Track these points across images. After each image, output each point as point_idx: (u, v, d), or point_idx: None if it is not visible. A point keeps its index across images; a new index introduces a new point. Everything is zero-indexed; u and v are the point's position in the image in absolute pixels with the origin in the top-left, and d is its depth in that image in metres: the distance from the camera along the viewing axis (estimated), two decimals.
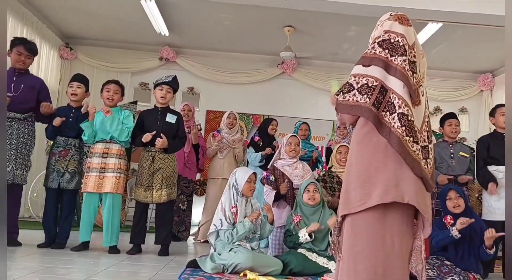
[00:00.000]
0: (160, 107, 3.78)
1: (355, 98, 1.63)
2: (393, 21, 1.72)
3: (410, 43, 1.69)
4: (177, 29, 6.41)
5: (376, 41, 1.70)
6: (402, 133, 1.58)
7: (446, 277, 2.99)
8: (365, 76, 1.64)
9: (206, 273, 2.86)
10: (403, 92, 1.62)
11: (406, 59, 1.64)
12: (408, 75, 1.63)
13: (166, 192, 3.61)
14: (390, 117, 1.60)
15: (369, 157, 1.63)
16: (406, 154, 1.59)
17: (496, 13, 4.75)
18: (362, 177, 1.62)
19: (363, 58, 1.69)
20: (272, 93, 7.37)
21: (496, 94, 7.40)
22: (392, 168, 1.60)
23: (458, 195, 3.20)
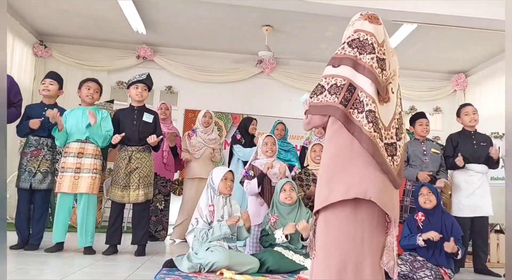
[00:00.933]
0: (136, 106, 3.74)
1: (326, 99, 1.66)
2: (363, 21, 1.76)
3: (379, 41, 1.72)
4: (154, 27, 6.35)
5: (346, 41, 1.73)
6: (370, 130, 1.61)
7: (419, 272, 3.07)
8: (335, 76, 1.67)
9: (182, 273, 2.86)
10: (370, 89, 1.65)
11: (375, 57, 1.67)
12: (376, 72, 1.66)
13: (143, 192, 3.58)
14: (359, 115, 1.63)
15: (336, 155, 1.66)
16: (375, 151, 1.61)
17: (469, 15, 4.88)
18: (329, 174, 1.65)
19: (333, 59, 1.72)
20: (251, 92, 7.38)
21: (468, 94, 7.60)
22: (358, 165, 1.62)
23: (430, 191, 3.29)
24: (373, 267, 1.65)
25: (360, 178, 1.61)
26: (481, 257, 3.86)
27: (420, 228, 3.17)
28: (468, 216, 3.81)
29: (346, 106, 1.64)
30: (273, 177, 3.81)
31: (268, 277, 2.91)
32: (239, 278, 2.75)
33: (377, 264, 1.66)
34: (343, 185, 1.61)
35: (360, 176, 1.61)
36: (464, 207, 3.84)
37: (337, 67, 1.68)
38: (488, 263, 4.25)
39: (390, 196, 1.65)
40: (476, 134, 4.02)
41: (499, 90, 6.76)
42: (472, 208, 3.82)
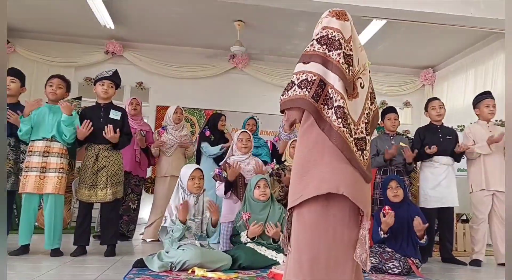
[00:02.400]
0: (102, 103, 3.64)
1: (295, 93, 1.66)
2: (331, 17, 1.77)
3: (346, 37, 1.73)
4: (123, 21, 6.22)
5: (315, 38, 1.74)
6: (339, 125, 1.62)
7: (388, 263, 3.13)
8: (305, 72, 1.68)
9: (153, 272, 2.81)
10: (339, 85, 1.66)
11: (341, 53, 1.68)
12: (343, 68, 1.67)
13: (111, 190, 3.50)
14: (329, 111, 1.64)
15: (308, 151, 1.67)
16: (344, 147, 1.63)
17: (436, 11, 4.98)
18: (301, 171, 1.66)
19: (303, 56, 1.73)
20: (224, 88, 7.34)
21: (436, 88, 7.80)
22: (329, 160, 1.63)
23: (398, 185, 3.35)
24: (345, 261, 1.67)
25: (332, 174, 1.62)
26: (447, 246, 3.98)
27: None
28: (434, 207, 3.92)
29: (318, 101, 1.64)
30: (247, 175, 3.79)
31: (240, 273, 2.90)
32: (211, 275, 2.73)
33: (350, 258, 1.67)
34: (316, 181, 1.62)
35: (332, 172, 1.62)
36: (430, 198, 3.95)
37: (307, 63, 1.69)
38: (455, 252, 4.39)
39: (362, 190, 1.67)
40: (442, 128, 4.13)
41: (465, 84, 6.97)
42: (438, 199, 3.93)
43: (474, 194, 3.98)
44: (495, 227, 3.91)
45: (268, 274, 2.86)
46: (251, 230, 3.26)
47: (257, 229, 3.24)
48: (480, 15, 5.04)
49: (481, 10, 5.03)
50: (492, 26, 5.47)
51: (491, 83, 6.30)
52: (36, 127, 3.43)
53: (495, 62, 6.29)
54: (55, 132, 3.43)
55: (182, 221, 3.00)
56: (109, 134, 3.46)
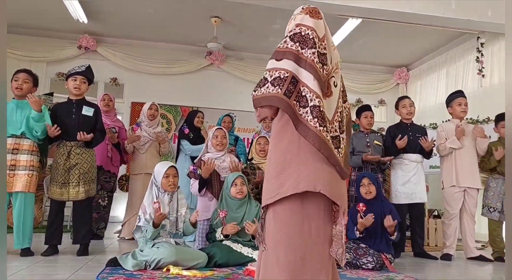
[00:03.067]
0: (74, 99, 3.56)
1: (268, 90, 1.65)
2: (304, 15, 1.76)
3: (320, 36, 1.73)
4: (96, 16, 6.09)
5: (288, 35, 1.74)
6: (315, 124, 1.63)
7: (362, 258, 3.19)
8: (278, 69, 1.67)
9: (127, 271, 2.78)
10: (313, 84, 1.66)
11: (316, 52, 1.68)
12: (317, 67, 1.67)
13: (84, 188, 3.43)
14: (303, 110, 1.64)
15: (284, 149, 1.67)
16: (321, 145, 1.63)
17: (410, 11, 5.08)
18: (277, 168, 1.66)
19: (276, 52, 1.72)
20: (201, 85, 7.29)
21: (410, 87, 7.96)
22: (305, 158, 1.64)
23: (371, 182, 3.41)
24: (322, 257, 1.68)
25: (309, 172, 1.63)
26: (419, 241, 4.07)
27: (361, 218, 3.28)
28: (404, 203, 4.01)
29: (290, 97, 1.64)
30: (222, 172, 3.77)
31: (216, 271, 2.89)
32: (186, 273, 2.71)
33: (326, 253, 1.68)
34: (293, 179, 1.62)
35: (308, 170, 1.63)
36: (400, 195, 4.04)
37: (280, 60, 1.68)
38: (427, 247, 4.50)
39: (338, 187, 1.68)
40: (412, 126, 4.22)
41: (437, 83, 7.14)
42: (408, 195, 4.02)
43: (446, 190, 4.08)
44: (465, 222, 4.04)
45: (244, 271, 2.86)
46: (226, 228, 3.25)
47: (232, 230, 3.23)
48: (451, 15, 5.18)
49: (453, 10, 5.16)
50: (463, 27, 5.63)
51: (462, 82, 6.48)
52: None
53: (466, 61, 6.47)
54: (24, 129, 3.33)
55: (155, 225, 2.97)
56: (82, 137, 3.39)
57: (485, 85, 6.03)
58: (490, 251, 4.14)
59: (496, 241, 4.01)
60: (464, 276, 3.26)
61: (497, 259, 3.94)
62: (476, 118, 5.51)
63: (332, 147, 1.66)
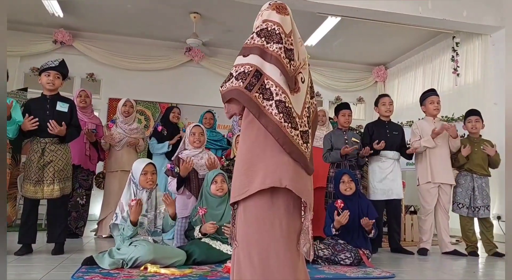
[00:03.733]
0: (48, 95, 3.47)
1: (232, 84, 1.65)
2: (271, 11, 1.76)
3: (286, 32, 1.73)
4: (72, 10, 5.96)
5: (255, 31, 1.74)
6: (280, 120, 1.63)
7: (340, 254, 3.22)
8: (243, 64, 1.68)
9: (103, 270, 2.73)
10: (280, 79, 1.67)
11: (282, 47, 1.69)
12: (284, 62, 1.68)
13: (59, 186, 3.35)
14: (267, 103, 1.64)
15: (251, 145, 1.67)
16: (284, 140, 1.64)
17: (388, 10, 5.16)
18: (245, 165, 1.66)
19: (243, 48, 1.73)
20: (180, 81, 7.23)
21: (388, 85, 8.08)
22: (272, 154, 1.65)
23: (351, 179, 3.44)
24: (292, 253, 1.69)
25: (275, 167, 1.63)
26: (395, 237, 4.14)
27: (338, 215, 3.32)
28: (381, 199, 4.07)
29: (251, 90, 1.64)
30: (200, 169, 3.75)
31: (195, 268, 2.88)
32: (164, 272, 2.69)
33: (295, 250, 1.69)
34: (260, 174, 1.63)
35: (275, 165, 1.64)
36: (378, 191, 4.10)
37: (246, 56, 1.69)
38: (403, 242, 4.58)
39: (304, 182, 1.69)
40: (390, 124, 4.28)
41: (414, 82, 7.27)
42: (385, 191, 4.08)
43: (421, 186, 4.17)
44: (440, 218, 4.13)
45: (222, 268, 2.85)
46: (205, 227, 3.23)
47: (211, 229, 3.20)
48: (428, 15, 5.28)
49: (429, 10, 5.26)
50: (439, 26, 5.75)
51: (437, 80, 6.61)
52: None
53: (442, 60, 6.60)
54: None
55: (132, 222, 2.92)
56: (54, 130, 3.29)
57: (460, 84, 6.18)
58: (464, 246, 4.25)
59: (468, 236, 4.11)
60: (439, 270, 3.33)
61: (470, 253, 4.04)
62: (451, 116, 5.63)
63: (297, 142, 1.66)
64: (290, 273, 1.66)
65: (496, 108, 5.37)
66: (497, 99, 5.49)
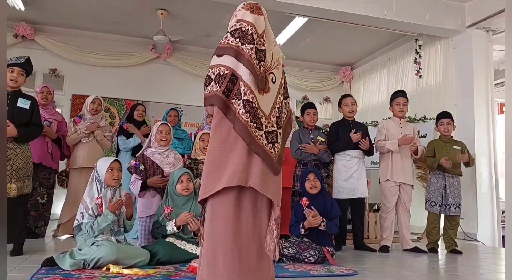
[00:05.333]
0: (10, 91, 3.34)
1: (212, 89, 1.67)
2: (245, 11, 1.78)
3: (259, 32, 1.75)
4: (34, 3, 5.75)
5: (229, 31, 1.75)
6: (247, 119, 1.65)
7: (304, 252, 3.26)
8: (218, 66, 1.69)
9: (64, 271, 2.66)
10: (249, 79, 1.69)
11: (254, 48, 1.71)
12: (254, 63, 1.70)
13: (16, 185, 3.22)
14: (237, 102, 1.66)
15: (221, 144, 1.68)
16: (249, 139, 1.66)
17: (354, 11, 5.26)
18: (214, 163, 1.67)
19: (218, 48, 1.73)
20: (146, 78, 7.11)
21: (354, 85, 8.24)
22: (240, 153, 1.67)
23: (316, 177, 3.50)
24: (259, 252, 1.71)
25: (243, 166, 1.65)
26: (359, 235, 4.24)
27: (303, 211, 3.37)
28: (346, 198, 4.16)
29: (229, 96, 1.66)
30: (166, 167, 3.71)
31: (159, 268, 2.85)
32: (127, 272, 2.65)
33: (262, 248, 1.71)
34: (227, 173, 1.64)
35: (242, 164, 1.65)
36: (343, 190, 4.17)
37: (221, 56, 1.71)
38: (367, 240, 4.69)
39: (271, 182, 1.71)
40: (354, 123, 4.37)
41: (379, 82, 7.45)
42: (350, 190, 4.17)
43: (382, 184, 4.28)
44: (401, 216, 4.26)
45: (187, 268, 2.83)
46: (180, 217, 3.19)
47: (186, 217, 3.18)
48: (392, 17, 5.42)
49: (393, 13, 5.40)
50: (403, 29, 5.91)
51: (401, 81, 6.80)
52: None
53: (405, 62, 6.79)
54: None
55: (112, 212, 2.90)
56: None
57: (422, 85, 6.38)
58: (424, 243, 4.39)
59: (432, 233, 4.25)
60: (401, 267, 3.43)
61: (431, 250, 4.19)
62: (413, 116, 5.80)
63: (262, 143, 1.68)
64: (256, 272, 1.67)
65: (456, 109, 5.58)
66: (457, 100, 5.70)
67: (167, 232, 3.21)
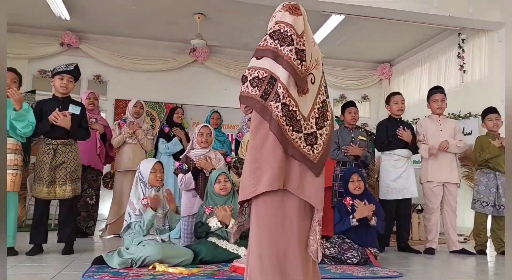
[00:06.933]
0: (60, 97, 3.52)
1: (248, 90, 1.68)
2: (284, 12, 1.78)
3: (298, 32, 1.74)
4: (79, 12, 6.01)
5: (268, 32, 1.75)
6: (283, 123, 1.65)
7: (346, 253, 3.22)
8: (257, 68, 1.70)
9: (113, 269, 2.77)
10: (288, 82, 1.69)
11: (293, 48, 1.70)
12: (295, 64, 1.69)
13: (71, 187, 3.39)
14: (274, 105, 1.67)
15: (260, 146, 1.69)
16: (285, 142, 1.66)
17: (394, 7, 5.15)
18: (254, 165, 1.68)
19: (256, 50, 1.74)
20: (185, 82, 7.27)
21: (393, 82, 8.05)
22: (280, 156, 1.66)
23: (360, 178, 3.45)
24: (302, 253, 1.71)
25: (281, 170, 1.65)
26: (404, 236, 4.13)
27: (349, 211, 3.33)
28: (395, 198, 4.06)
29: (267, 99, 1.67)
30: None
31: (202, 267, 2.90)
32: (172, 271, 2.72)
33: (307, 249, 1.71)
34: (267, 176, 1.65)
35: (280, 168, 1.65)
36: (392, 190, 4.07)
37: (260, 59, 1.71)
38: (411, 241, 4.57)
39: (310, 184, 1.70)
40: (401, 122, 4.26)
41: (420, 79, 7.24)
42: (399, 190, 4.06)
43: (425, 185, 4.15)
44: (447, 216, 4.10)
45: (230, 268, 2.87)
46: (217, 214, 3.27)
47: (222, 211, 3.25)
48: (433, 12, 5.26)
49: (435, 7, 5.24)
50: (445, 23, 5.72)
51: (444, 77, 6.58)
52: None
53: (448, 57, 6.57)
54: (8, 128, 3.28)
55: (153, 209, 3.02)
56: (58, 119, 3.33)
57: (466, 81, 6.15)
58: (472, 245, 4.23)
59: (481, 235, 4.09)
60: (447, 269, 3.33)
61: (479, 252, 4.03)
62: (458, 113, 5.61)
63: (299, 145, 1.68)
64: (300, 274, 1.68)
65: (503, 105, 5.34)
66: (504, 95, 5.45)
67: (210, 229, 3.27)
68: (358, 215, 3.26)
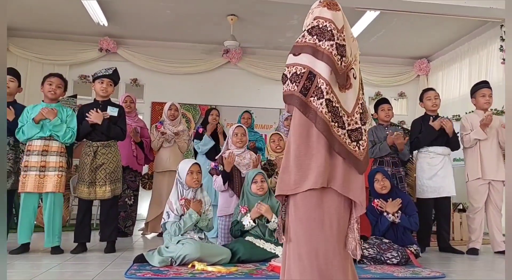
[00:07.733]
0: (100, 100, 3.65)
1: (288, 88, 1.67)
2: (322, 7, 1.75)
3: (338, 27, 1.71)
4: (116, 18, 6.19)
5: (306, 29, 1.73)
6: (329, 119, 1.63)
7: (386, 253, 3.16)
8: (295, 65, 1.68)
9: (154, 267, 2.84)
10: (330, 77, 1.66)
11: (334, 44, 1.67)
12: (335, 59, 1.66)
13: (110, 188, 3.52)
14: (318, 102, 1.64)
15: (303, 142, 1.67)
16: (332, 139, 1.64)
17: (430, 1, 4.99)
18: (297, 162, 1.66)
19: (294, 47, 1.72)
20: (218, 83, 7.33)
21: (431, 78, 7.81)
22: (323, 154, 1.64)
23: (384, 176, 3.38)
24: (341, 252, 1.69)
25: (325, 167, 1.63)
26: (444, 236, 4.01)
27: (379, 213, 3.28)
28: (431, 197, 3.94)
29: (306, 95, 1.65)
30: (243, 169, 3.81)
31: (240, 266, 2.93)
32: (211, 269, 2.75)
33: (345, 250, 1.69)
34: (311, 174, 1.63)
35: (324, 165, 1.63)
36: (427, 189, 3.96)
37: (298, 55, 1.69)
38: (452, 241, 4.42)
39: (354, 182, 1.67)
40: (437, 118, 4.14)
41: (460, 74, 6.99)
42: (435, 189, 3.94)
43: (470, 183, 4.00)
44: (491, 216, 3.94)
45: (267, 267, 2.88)
46: (253, 211, 3.31)
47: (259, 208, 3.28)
48: (473, 4, 5.06)
49: None
50: (485, 15, 5.49)
51: (485, 72, 6.32)
52: None
53: (489, 51, 6.30)
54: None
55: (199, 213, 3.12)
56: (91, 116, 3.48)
57: None
58: None
59: None
60: (491, 270, 3.21)
61: None
62: (501, 108, 5.37)
63: (344, 142, 1.65)
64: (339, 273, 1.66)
65: None
66: None
67: (244, 227, 3.29)
68: (390, 211, 3.20)
